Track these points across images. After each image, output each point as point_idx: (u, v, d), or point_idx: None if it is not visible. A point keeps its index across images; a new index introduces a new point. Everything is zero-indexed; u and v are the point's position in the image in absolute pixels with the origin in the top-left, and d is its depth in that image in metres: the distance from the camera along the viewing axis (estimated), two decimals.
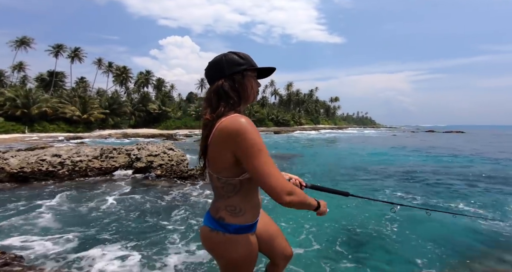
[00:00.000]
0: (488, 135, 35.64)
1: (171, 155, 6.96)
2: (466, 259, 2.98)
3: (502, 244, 3.33)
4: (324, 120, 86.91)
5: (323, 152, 14.86)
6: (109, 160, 6.71)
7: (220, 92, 0.93)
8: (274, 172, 0.86)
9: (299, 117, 69.52)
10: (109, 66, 47.61)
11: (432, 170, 8.94)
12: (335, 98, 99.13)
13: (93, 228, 3.65)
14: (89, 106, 31.56)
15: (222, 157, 0.91)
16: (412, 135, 39.40)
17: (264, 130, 45.35)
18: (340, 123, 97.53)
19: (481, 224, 3.88)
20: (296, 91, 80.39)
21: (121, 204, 4.74)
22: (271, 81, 77.29)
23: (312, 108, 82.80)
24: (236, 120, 0.88)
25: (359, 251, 3.23)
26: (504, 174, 8.23)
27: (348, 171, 8.84)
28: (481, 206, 4.93)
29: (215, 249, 1.02)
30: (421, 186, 6.66)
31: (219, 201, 1.01)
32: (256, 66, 0.99)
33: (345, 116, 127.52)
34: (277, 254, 1.25)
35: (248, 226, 1.02)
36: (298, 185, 1.23)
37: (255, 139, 0.86)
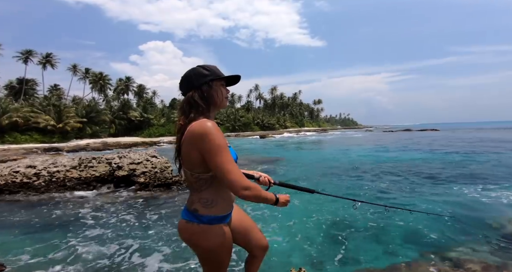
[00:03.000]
0: (461, 132, 38.17)
1: (154, 163, 6.88)
2: (427, 253, 3.23)
3: (458, 236, 3.64)
4: (308, 123, 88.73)
5: (304, 155, 15.23)
6: (88, 169, 6.53)
7: (191, 102, 1.09)
8: (233, 169, 0.99)
9: (284, 121, 70.53)
10: (86, 73, 45.75)
11: (403, 168, 9.50)
12: (318, 100, 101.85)
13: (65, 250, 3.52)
14: (65, 115, 30.10)
15: (192, 155, 1.04)
16: (390, 134, 41.29)
17: (250, 134, 45.50)
18: (324, 125, 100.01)
19: (439, 220, 4.15)
20: (280, 94, 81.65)
21: (103, 219, 4.59)
22: (256, 85, 78.11)
23: (297, 111, 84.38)
24: (203, 124, 1.02)
25: (336, 245, 3.44)
26: (466, 170, 8.90)
27: (327, 171, 9.22)
28: (437, 201, 5.30)
29: (191, 239, 1.13)
30: (390, 183, 7.10)
31: (193, 194, 1.13)
32: (221, 76, 1.14)
33: (329, 118, 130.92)
34: (254, 245, 1.36)
35: (221, 217, 1.13)
36: (267, 182, 1.33)
37: (218, 140, 1.00)
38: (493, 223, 3.91)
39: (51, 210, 4.91)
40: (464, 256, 2.91)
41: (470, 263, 2.65)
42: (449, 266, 2.66)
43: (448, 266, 2.67)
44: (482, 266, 2.53)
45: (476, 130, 46.98)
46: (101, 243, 3.50)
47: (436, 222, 4.03)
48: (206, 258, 1.16)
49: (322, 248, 3.34)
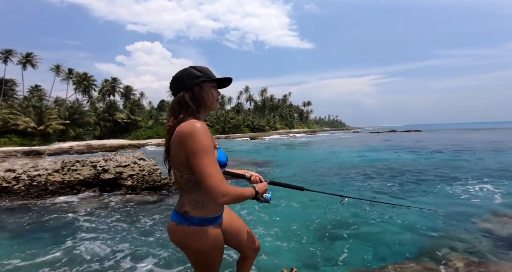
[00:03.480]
0: (443, 133, 39.81)
1: (142, 165, 6.73)
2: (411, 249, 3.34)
3: (442, 230, 3.77)
4: (298, 124, 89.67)
5: (295, 156, 15.38)
6: (72, 173, 6.30)
7: (181, 102, 1.08)
8: (214, 173, 0.96)
9: (274, 122, 70.94)
10: (69, 73, 44.17)
11: (389, 167, 9.79)
12: (308, 102, 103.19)
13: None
14: (46, 117, 28.88)
15: (180, 156, 1.03)
16: (376, 135, 42.46)
17: (240, 136, 45.42)
18: (313, 127, 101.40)
19: (423, 215, 4.29)
20: (270, 96, 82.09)
21: (91, 224, 4.44)
22: (246, 87, 78.21)
23: (286, 113, 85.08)
24: (192, 124, 1.01)
25: (327, 244, 3.49)
26: (447, 168, 9.31)
27: (316, 171, 9.38)
28: (420, 197, 5.53)
29: (182, 241, 1.11)
30: (376, 181, 7.31)
31: (183, 196, 1.12)
32: (213, 78, 1.13)
33: (318, 120, 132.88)
34: (245, 247, 1.37)
35: (211, 218, 1.12)
36: (258, 181, 1.34)
37: (203, 142, 0.98)
38: (473, 218, 4.09)
39: (34, 216, 4.70)
40: (448, 252, 3.02)
41: (454, 259, 2.75)
42: (435, 263, 2.75)
43: (434, 263, 2.76)
44: (464, 263, 2.64)
45: (456, 130, 49.23)
46: (91, 247, 3.39)
47: (420, 218, 4.17)
48: (197, 260, 1.15)
49: (313, 247, 3.37)
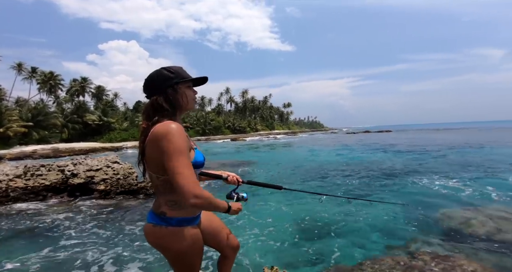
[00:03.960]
0: (411, 133, 42.80)
1: (116, 169, 6.39)
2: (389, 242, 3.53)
3: (413, 225, 4.01)
4: (278, 126, 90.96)
5: (275, 156, 15.59)
6: (36, 178, 5.81)
7: (155, 105, 1.07)
8: (186, 174, 0.95)
9: (255, 124, 71.27)
10: (33, 72, 40.69)
11: (364, 165, 10.31)
12: (288, 104, 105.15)
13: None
14: (6, 118, 26.32)
15: (155, 158, 1.02)
16: (352, 136, 44.51)
17: (221, 138, 44.99)
18: (294, 128, 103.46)
19: (396, 210, 4.53)
20: (251, 98, 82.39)
21: (63, 231, 4.14)
22: (227, 88, 77.79)
23: (267, 114, 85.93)
24: (166, 125, 1.00)
25: (306, 242, 3.58)
26: (416, 165, 10.03)
27: (296, 171, 9.62)
28: (393, 192, 5.89)
29: (160, 242, 1.10)
30: (353, 179, 7.66)
31: (160, 197, 1.10)
32: (187, 78, 1.12)
33: (298, 121, 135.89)
34: (225, 246, 1.37)
35: (189, 219, 1.12)
36: (236, 181, 1.35)
37: (177, 142, 0.97)
38: (439, 212, 4.38)
39: (1, 223, 4.27)
40: (418, 246, 3.20)
41: (423, 253, 2.93)
42: (407, 257, 2.89)
43: (406, 257, 2.90)
44: (431, 257, 2.82)
45: (422, 131, 53.11)
46: (71, 255, 3.19)
47: (393, 213, 4.41)
48: (176, 261, 1.14)
49: (293, 246, 3.43)
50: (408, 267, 2.66)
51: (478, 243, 3.20)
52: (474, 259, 2.81)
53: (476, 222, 3.78)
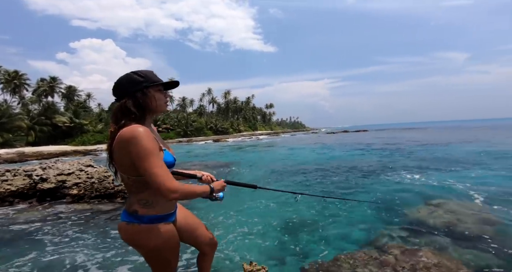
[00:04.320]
0: (385, 132, 45.19)
1: (90, 173, 6.11)
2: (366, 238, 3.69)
3: (382, 221, 4.21)
4: (261, 126, 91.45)
5: (257, 157, 15.70)
6: (1, 183, 5.39)
7: (123, 109, 1.10)
8: (161, 173, 1.00)
9: (238, 125, 71.05)
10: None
11: (343, 164, 10.70)
12: (270, 104, 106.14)
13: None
14: None
15: (124, 160, 1.06)
16: (332, 135, 46.00)
17: (203, 139, 44.28)
18: (276, 128, 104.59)
19: (368, 207, 4.72)
20: (234, 99, 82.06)
21: (36, 237, 3.86)
22: (209, 89, 76.77)
23: (250, 115, 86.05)
24: (133, 128, 1.03)
25: (285, 237, 3.69)
26: (391, 163, 10.63)
27: (276, 170, 9.81)
28: (366, 190, 6.18)
29: (133, 239, 1.13)
30: (331, 177, 7.96)
31: (132, 197, 1.14)
32: (158, 82, 1.14)
33: (280, 121, 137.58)
34: (202, 242, 1.41)
35: (163, 216, 1.15)
36: (210, 181, 1.39)
37: (146, 145, 1.01)
38: (408, 208, 4.65)
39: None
40: (388, 241, 3.37)
41: (393, 248, 3.10)
42: (377, 252, 3.04)
43: (377, 252, 3.05)
44: (400, 251, 2.99)
45: (395, 130, 56.10)
46: (51, 262, 3.03)
47: (366, 210, 4.64)
48: (151, 257, 1.17)
49: (271, 243, 3.51)
50: (380, 262, 2.82)
51: (441, 235, 3.48)
52: (437, 251, 3.04)
53: (440, 215, 4.11)
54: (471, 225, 3.66)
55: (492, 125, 59.07)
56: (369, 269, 2.73)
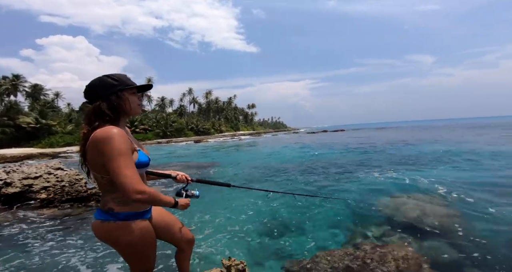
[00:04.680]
0: (362, 132, 47.41)
1: (60, 176, 5.79)
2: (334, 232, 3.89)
3: (355, 217, 4.38)
4: (243, 127, 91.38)
5: (238, 157, 15.76)
6: None
7: (97, 112, 1.12)
8: (127, 173, 1.02)
9: (219, 125, 70.39)
10: None
11: (320, 162, 11.07)
12: (252, 105, 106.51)
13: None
14: None
15: (97, 160, 1.08)
16: (312, 135, 47.29)
17: (184, 140, 43.28)
18: (258, 128, 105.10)
19: (342, 204, 4.93)
20: (215, 99, 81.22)
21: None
22: (189, 89, 75.18)
23: (232, 115, 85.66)
24: (107, 129, 1.06)
25: (262, 235, 3.77)
26: (365, 161, 11.16)
27: (255, 170, 9.96)
28: (341, 187, 6.51)
29: (108, 237, 1.14)
30: (308, 175, 8.24)
31: (106, 195, 1.15)
32: (131, 85, 1.18)
33: (262, 122, 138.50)
34: (179, 239, 1.44)
35: (138, 213, 1.18)
36: (185, 180, 1.43)
37: (117, 145, 1.03)
38: (379, 204, 4.93)
39: None
40: (360, 237, 3.56)
41: (365, 244, 3.27)
42: (352, 248, 3.20)
43: (351, 248, 3.20)
44: (371, 246, 3.16)
45: (370, 129, 59.11)
46: (36, 266, 2.91)
47: (340, 207, 4.84)
48: (128, 254, 1.19)
49: (249, 241, 3.58)
50: (354, 257, 2.98)
51: (409, 229, 3.75)
52: (405, 244, 3.28)
53: (407, 210, 4.41)
54: (435, 219, 3.98)
55: (456, 124, 64.29)
56: (344, 264, 2.88)
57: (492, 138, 18.44)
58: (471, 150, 11.77)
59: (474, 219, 3.94)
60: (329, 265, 2.89)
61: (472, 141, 17.14)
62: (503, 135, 19.59)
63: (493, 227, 3.65)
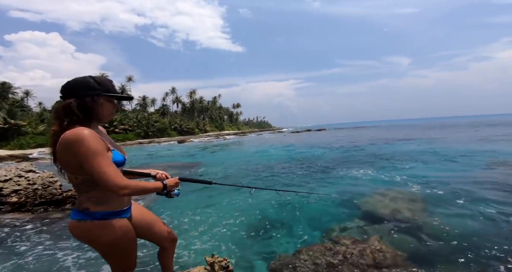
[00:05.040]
0: (344, 131, 48.98)
1: (32, 178, 5.52)
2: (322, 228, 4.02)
3: (336, 212, 4.58)
4: (228, 126, 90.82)
5: (222, 157, 15.71)
6: None
7: (67, 109, 1.09)
8: (108, 171, 1.02)
9: (204, 125, 69.44)
10: None
11: (301, 161, 11.31)
12: (237, 104, 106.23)
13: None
14: None
15: (71, 162, 1.06)
16: (296, 135, 48.08)
17: (167, 140, 42.20)
18: (243, 128, 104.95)
19: (323, 200, 5.11)
20: (199, 98, 79.97)
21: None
22: (172, 88, 73.45)
23: (216, 115, 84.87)
24: (76, 131, 1.04)
25: (246, 232, 3.82)
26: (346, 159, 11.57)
27: (239, 169, 10.05)
28: (322, 183, 6.77)
29: (86, 236, 1.13)
30: (290, 173, 8.45)
31: (82, 195, 1.14)
32: (113, 93, 1.16)
33: (247, 121, 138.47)
34: (161, 237, 1.44)
35: (116, 212, 1.17)
36: (165, 178, 1.41)
37: (91, 145, 1.02)
38: (359, 200, 5.14)
39: None
40: (340, 232, 3.69)
41: (344, 238, 3.42)
42: (331, 243, 3.33)
43: (331, 243, 3.33)
44: (351, 241, 3.31)
45: (351, 129, 61.03)
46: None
47: (321, 203, 5.01)
48: (107, 253, 1.18)
49: (232, 239, 3.62)
50: (334, 252, 3.10)
51: (385, 224, 3.96)
52: (382, 238, 3.45)
53: (384, 206, 4.66)
54: (410, 214, 4.23)
55: (429, 123, 68.39)
56: (325, 259, 2.99)
57: (462, 136, 19.84)
58: (442, 149, 12.58)
59: (444, 213, 4.22)
60: (311, 261, 2.98)
61: (443, 139, 18.33)
62: (471, 135, 21.13)
63: (460, 218, 3.94)
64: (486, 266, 2.70)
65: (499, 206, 4.28)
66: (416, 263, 2.84)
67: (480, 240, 3.22)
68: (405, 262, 2.88)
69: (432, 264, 2.80)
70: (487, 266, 2.70)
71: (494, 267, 2.67)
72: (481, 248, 3.04)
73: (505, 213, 3.98)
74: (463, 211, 4.22)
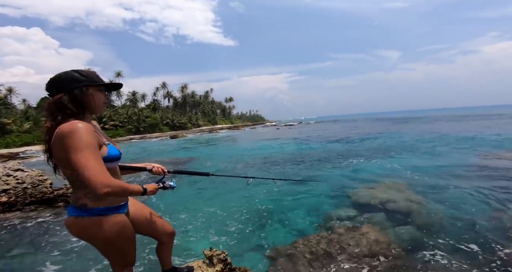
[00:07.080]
0: (335, 122, 49.52)
1: (21, 177, 5.40)
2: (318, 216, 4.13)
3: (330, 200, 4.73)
4: (221, 120, 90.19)
5: (216, 151, 15.72)
6: None
7: (58, 104, 1.07)
8: (93, 165, 0.97)
9: (197, 119, 68.73)
10: None
11: (296, 153, 11.42)
12: (230, 98, 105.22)
13: None
14: None
15: (63, 156, 1.04)
16: (290, 128, 48.20)
17: (159, 136, 41.63)
18: (236, 122, 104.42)
19: (318, 190, 5.26)
20: (191, 93, 78.78)
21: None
22: (163, 83, 71.87)
23: (209, 109, 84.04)
24: (73, 124, 1.03)
25: (244, 223, 3.87)
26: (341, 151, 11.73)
27: (234, 162, 10.15)
28: (319, 173, 6.91)
29: (84, 233, 1.12)
30: (286, 164, 8.56)
31: (78, 191, 1.12)
32: (99, 82, 1.15)
33: (240, 115, 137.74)
34: (159, 232, 1.44)
35: (114, 207, 1.16)
36: (161, 172, 1.41)
37: (81, 138, 0.99)
38: (351, 189, 5.26)
39: None
40: (334, 221, 3.81)
41: (338, 227, 3.52)
42: (326, 232, 3.42)
43: (326, 232, 3.42)
44: (345, 229, 3.43)
45: (342, 121, 61.87)
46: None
47: (316, 194, 5.11)
48: (106, 249, 1.18)
49: (231, 231, 3.67)
50: (329, 241, 3.19)
51: (378, 213, 4.07)
52: (375, 227, 3.56)
53: (376, 196, 4.78)
54: (401, 203, 4.35)
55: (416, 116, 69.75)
56: (321, 248, 3.07)
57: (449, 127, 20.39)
58: (429, 140, 12.89)
59: (434, 201, 4.37)
60: (307, 249, 3.05)
61: (431, 131, 18.77)
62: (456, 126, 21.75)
63: (449, 206, 4.09)
64: (481, 250, 2.80)
65: (488, 192, 4.47)
66: (410, 251, 2.93)
67: (470, 224, 3.37)
68: (399, 251, 2.97)
69: (425, 252, 2.87)
70: (481, 250, 2.81)
71: (488, 250, 2.78)
72: (472, 231, 3.18)
73: (496, 198, 4.16)
74: (450, 200, 4.37)
